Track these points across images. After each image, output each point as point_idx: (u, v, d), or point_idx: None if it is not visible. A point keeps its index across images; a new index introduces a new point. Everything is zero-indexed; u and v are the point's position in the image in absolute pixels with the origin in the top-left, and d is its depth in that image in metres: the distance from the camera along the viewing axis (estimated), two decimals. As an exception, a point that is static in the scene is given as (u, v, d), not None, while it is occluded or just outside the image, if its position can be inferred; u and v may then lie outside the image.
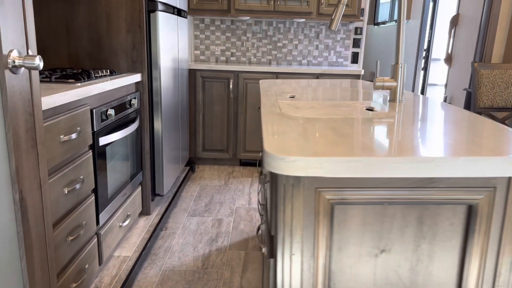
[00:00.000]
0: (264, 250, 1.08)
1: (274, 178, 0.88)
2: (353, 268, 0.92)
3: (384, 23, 5.57)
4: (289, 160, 0.81)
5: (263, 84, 2.20)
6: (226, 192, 3.24)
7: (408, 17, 4.72)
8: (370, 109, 1.41)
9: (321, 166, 0.81)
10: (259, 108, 1.66)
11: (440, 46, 4.31)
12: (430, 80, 4.58)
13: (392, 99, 1.51)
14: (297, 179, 0.85)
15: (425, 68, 4.48)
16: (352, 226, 0.90)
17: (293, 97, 1.67)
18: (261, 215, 1.68)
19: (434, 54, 4.39)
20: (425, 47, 4.42)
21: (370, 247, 0.91)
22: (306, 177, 0.85)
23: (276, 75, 3.61)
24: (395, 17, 5.07)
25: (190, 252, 2.33)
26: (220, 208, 2.94)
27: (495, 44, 3.09)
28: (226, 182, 3.47)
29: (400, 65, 1.46)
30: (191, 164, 3.69)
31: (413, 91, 4.66)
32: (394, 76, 1.48)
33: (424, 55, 4.42)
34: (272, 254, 0.99)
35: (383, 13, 5.60)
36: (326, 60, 4.04)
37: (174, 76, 2.96)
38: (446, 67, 4.05)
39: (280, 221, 0.88)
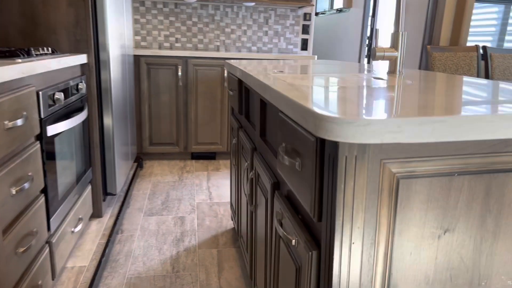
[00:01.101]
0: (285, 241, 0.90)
1: (332, 150, 0.71)
2: (413, 253, 0.78)
3: (323, 13, 5.59)
4: (361, 124, 0.64)
5: (231, 64, 2.00)
6: (182, 188, 2.99)
7: (349, 5, 4.76)
8: (379, 79, 1.28)
9: (400, 129, 0.65)
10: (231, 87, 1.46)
11: (384, 33, 4.39)
12: (374, 67, 4.66)
13: (392, 71, 1.40)
14: (363, 149, 0.69)
15: (369, 56, 4.55)
16: (415, 204, 0.75)
17: (282, 72, 1.50)
18: (251, 204, 1.49)
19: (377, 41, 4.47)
20: (368, 34, 4.49)
21: (433, 227, 0.78)
22: (371, 146, 0.69)
23: (228, 61, 3.40)
24: (335, 6, 5.10)
25: (155, 255, 2.07)
26: (179, 205, 2.69)
27: (442, 27, 3.17)
28: (180, 178, 3.21)
29: (400, 33, 1.35)
30: (139, 160, 3.37)
31: (357, 78, 4.70)
32: (394, 46, 1.37)
33: (367, 43, 4.48)
34: (313, 245, 0.82)
35: (322, 3, 5.62)
36: (276, 47, 3.92)
37: (122, 61, 2.64)
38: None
39: (339, 203, 0.70)
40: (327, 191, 0.73)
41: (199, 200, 2.78)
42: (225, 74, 3.41)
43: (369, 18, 4.48)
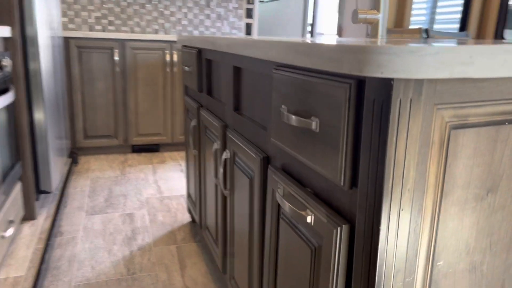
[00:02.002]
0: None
1: (379, 94, 0.56)
2: (456, 219, 0.67)
3: (262, 0, 5.49)
4: (428, 52, 0.50)
5: (188, 36, 1.80)
6: (126, 183, 2.71)
7: (289, -8, 4.70)
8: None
9: (471, 60, 0.52)
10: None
11: (325, 20, 4.39)
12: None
13: (374, 35, 1.30)
14: (419, 90, 0.55)
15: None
16: (461, 160, 0.64)
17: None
18: (226, 188, 1.32)
19: (318, 28, 4.46)
20: (310, 22, 4.46)
21: (477, 187, 0.67)
22: (426, 88, 0.56)
23: (171, 44, 3.16)
24: (274, -6, 5.03)
25: (104, 257, 1.81)
26: (126, 201, 2.42)
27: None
28: (122, 172, 2.91)
29: (383, -6, 1.25)
30: (73, 155, 3.01)
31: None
32: (376, 7, 1.27)
33: (309, 29, 4.46)
34: (340, 219, 0.68)
35: (260, -9, 5.51)
36: (219, 31, 3.73)
37: (52, 42, 2.30)
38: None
39: (389, 161, 0.56)
40: (367, 148, 0.59)
41: (148, 195, 2.53)
42: (168, 58, 3.16)
43: (311, 6, 4.46)
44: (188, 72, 1.81)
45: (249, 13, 3.72)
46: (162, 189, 2.63)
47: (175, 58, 3.18)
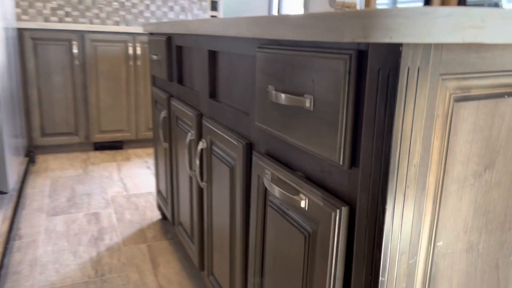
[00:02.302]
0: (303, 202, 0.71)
1: (385, 63, 0.52)
2: (455, 197, 0.65)
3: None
4: (439, 14, 0.47)
5: (156, 22, 1.71)
6: (90, 182, 2.58)
7: (252, -14, 4.65)
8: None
9: (483, 24, 0.49)
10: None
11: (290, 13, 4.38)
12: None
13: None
14: (426, 58, 0.52)
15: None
16: (462, 135, 0.62)
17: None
18: (202, 180, 1.25)
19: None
20: (276, 10, 4.44)
21: (476, 163, 0.65)
22: (433, 56, 0.53)
23: (133, 36, 3.03)
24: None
25: (70, 260, 1.69)
26: (90, 201, 2.29)
27: None
28: (85, 171, 2.77)
29: (360, -23, 1.23)
30: (29, 153, 2.83)
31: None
32: (353, -9, 1.25)
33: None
34: (338, 201, 0.64)
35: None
36: (183, 24, 3.63)
37: (6, 33, 2.13)
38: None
39: (396, 134, 0.53)
40: (371, 123, 0.55)
41: (113, 193, 2.41)
42: (130, 51, 3.03)
43: (274, -1, 4.44)
44: (156, 61, 1.73)
45: (214, 6, 3.65)
46: (128, 187, 2.52)
47: (139, 51, 3.06)
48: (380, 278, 0.58)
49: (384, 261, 0.58)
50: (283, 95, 0.71)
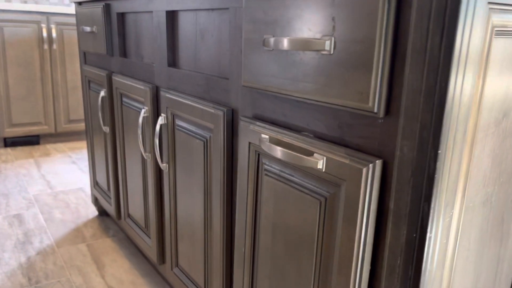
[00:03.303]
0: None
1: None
2: (480, 146, 0.61)
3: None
4: None
5: None
6: (5, 181, 2.24)
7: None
8: None
9: None
10: None
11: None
12: None
13: None
14: None
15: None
16: (491, 77, 0.58)
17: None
18: (163, 161, 1.11)
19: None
20: None
21: (497, 111, 0.62)
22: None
23: (47, 16, 2.69)
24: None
25: (-7, 269, 1.43)
26: (8, 201, 1.98)
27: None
28: (-4, 169, 2.41)
29: None
30: None
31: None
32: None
33: None
34: (365, 156, 0.56)
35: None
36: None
37: None
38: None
39: (455, 68, 0.47)
40: (420, 56, 0.48)
41: (36, 192, 2.11)
42: (45, 34, 2.69)
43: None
44: (88, 34, 1.51)
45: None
46: (52, 184, 2.23)
47: (54, 33, 2.73)
48: (428, 234, 0.52)
49: (432, 215, 0.52)
50: (288, 41, 0.62)
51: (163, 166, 1.11)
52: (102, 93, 1.45)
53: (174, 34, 1.05)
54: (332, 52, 0.58)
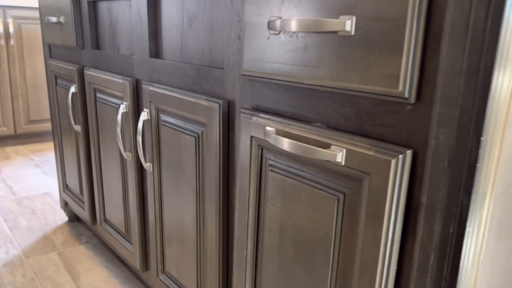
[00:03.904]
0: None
1: None
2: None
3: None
4: None
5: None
6: (-39, 188, 2.06)
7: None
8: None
9: None
10: None
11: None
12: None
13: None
14: None
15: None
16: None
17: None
18: (146, 161, 1.02)
19: None
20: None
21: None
22: None
23: (4, 9, 2.50)
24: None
25: (-48, 286, 1.29)
26: (-34, 210, 1.82)
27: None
28: (-50, 176, 2.21)
29: None
30: None
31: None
32: None
33: None
34: (391, 147, 0.52)
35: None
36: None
37: None
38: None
39: (501, 46, 0.42)
40: (462, 33, 0.43)
41: (-3, 198, 1.95)
42: (1, 29, 2.50)
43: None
44: (55, 25, 1.39)
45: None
46: (15, 189, 2.07)
47: (12, 28, 2.54)
48: (467, 228, 0.48)
49: (472, 208, 0.47)
50: (298, 22, 0.56)
51: (147, 165, 1.03)
52: (73, 89, 1.34)
53: (156, 22, 0.97)
54: (353, 33, 0.52)
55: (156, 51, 0.99)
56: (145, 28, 0.97)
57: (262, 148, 0.71)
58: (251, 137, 0.71)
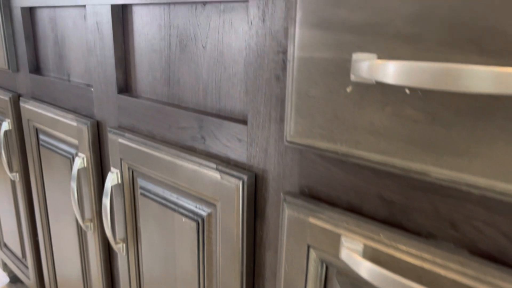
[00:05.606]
0: None
1: None
2: None
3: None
4: None
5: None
6: None
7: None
8: None
9: None
10: None
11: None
12: None
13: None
14: None
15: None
16: None
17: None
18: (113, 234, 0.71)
19: None
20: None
21: None
22: None
23: None
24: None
25: None
26: None
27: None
28: None
29: None
30: None
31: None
32: None
33: None
34: None
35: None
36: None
37: None
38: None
39: None
40: None
41: None
42: None
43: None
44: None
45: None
46: None
47: None
48: None
49: None
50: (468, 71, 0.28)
51: (118, 247, 0.71)
52: (5, 126, 0.99)
53: (126, 42, 0.66)
54: None
55: (126, 84, 0.68)
56: (110, 50, 0.66)
57: (324, 262, 0.43)
58: (308, 247, 0.43)
